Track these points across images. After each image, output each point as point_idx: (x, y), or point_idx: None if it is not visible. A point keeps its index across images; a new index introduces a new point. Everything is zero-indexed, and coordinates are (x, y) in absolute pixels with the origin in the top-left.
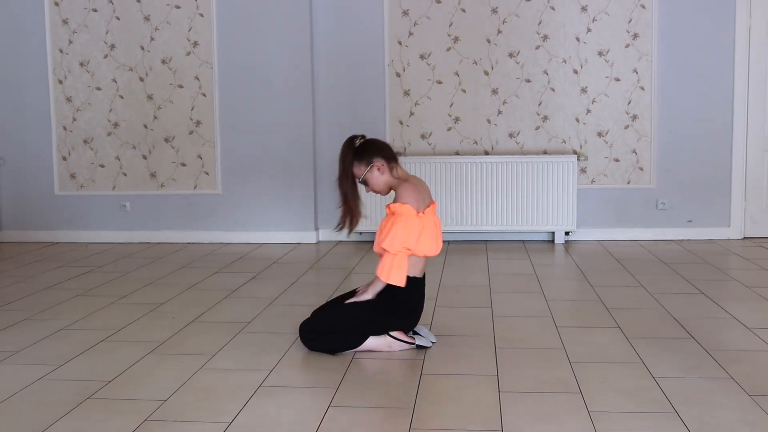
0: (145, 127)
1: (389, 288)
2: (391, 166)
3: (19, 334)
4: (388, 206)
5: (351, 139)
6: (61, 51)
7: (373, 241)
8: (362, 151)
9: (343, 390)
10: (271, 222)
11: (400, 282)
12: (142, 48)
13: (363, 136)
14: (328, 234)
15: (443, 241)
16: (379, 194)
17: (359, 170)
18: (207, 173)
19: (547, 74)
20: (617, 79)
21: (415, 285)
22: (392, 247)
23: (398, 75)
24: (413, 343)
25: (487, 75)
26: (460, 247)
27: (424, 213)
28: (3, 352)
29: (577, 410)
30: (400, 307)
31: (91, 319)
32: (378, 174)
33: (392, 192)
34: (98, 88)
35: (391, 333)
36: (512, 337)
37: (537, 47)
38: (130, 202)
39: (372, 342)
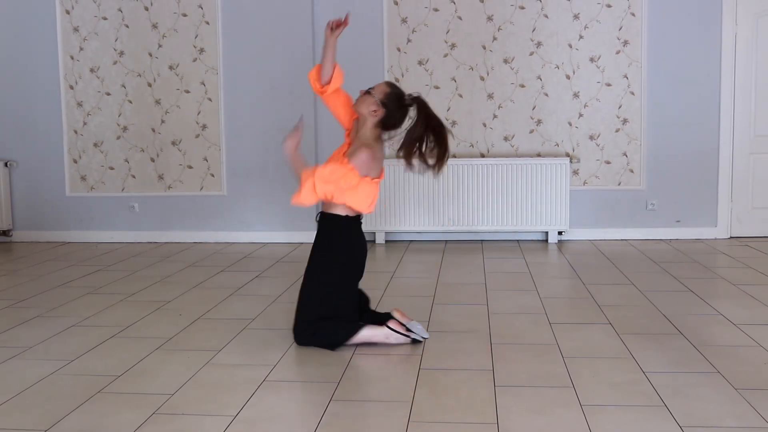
0: (153, 130)
1: (324, 239)
2: (381, 127)
3: (31, 331)
4: (343, 155)
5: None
6: (72, 57)
7: (373, 241)
8: (398, 97)
9: (344, 384)
10: (275, 222)
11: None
12: (150, 55)
13: (417, 97)
14: None
15: (445, 241)
16: (352, 109)
17: (380, 92)
18: (213, 175)
19: (541, 80)
20: (608, 85)
21: (348, 225)
22: (319, 178)
23: (397, 80)
24: (408, 336)
25: (483, 80)
26: (456, 247)
27: (372, 180)
28: (16, 348)
29: (569, 403)
30: (341, 254)
31: (101, 316)
32: (368, 107)
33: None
34: (108, 94)
35: (389, 324)
36: (507, 333)
37: (531, 54)
38: (138, 203)
39: (368, 332)
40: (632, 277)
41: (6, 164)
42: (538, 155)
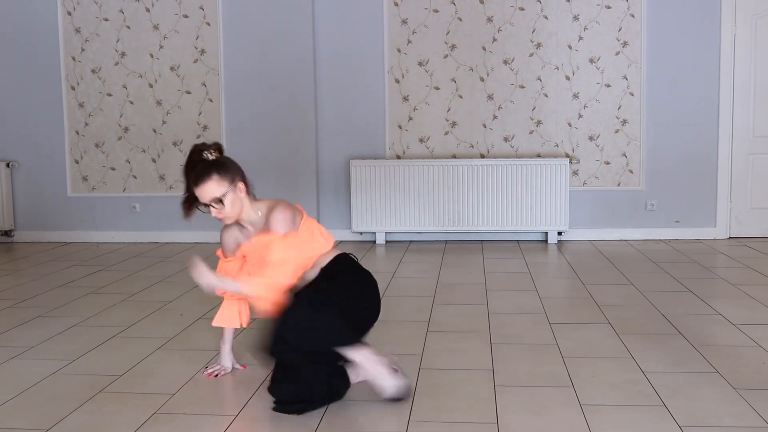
0: (155, 131)
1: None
2: (250, 190)
3: (33, 331)
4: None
5: (200, 150)
6: (73, 58)
7: (373, 241)
8: (223, 165)
9: None
10: None
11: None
12: (152, 55)
13: (218, 146)
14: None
15: (445, 241)
16: (228, 221)
17: (220, 186)
18: None
19: (541, 80)
20: (608, 85)
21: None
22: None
23: (397, 81)
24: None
25: (483, 81)
26: (456, 247)
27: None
28: (18, 348)
29: (569, 403)
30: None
31: (103, 316)
32: (239, 197)
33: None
34: (109, 94)
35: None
36: (507, 333)
37: (531, 54)
38: (139, 203)
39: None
40: (632, 277)
41: (8, 165)
42: (538, 156)
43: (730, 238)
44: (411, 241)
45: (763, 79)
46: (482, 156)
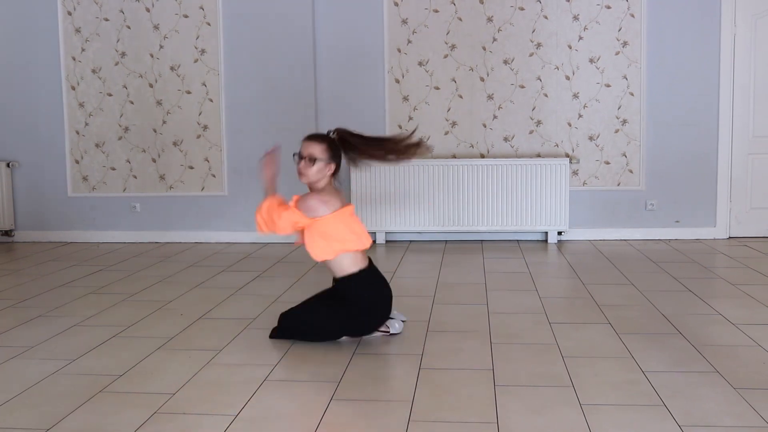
0: (155, 131)
1: (343, 291)
2: (333, 178)
3: (33, 331)
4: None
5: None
6: (74, 59)
7: (373, 241)
8: (333, 142)
9: (345, 384)
10: None
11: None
12: (152, 55)
13: (340, 131)
14: None
15: (445, 241)
16: (302, 179)
17: (321, 153)
18: (214, 176)
19: (541, 80)
20: (608, 85)
21: (358, 280)
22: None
23: (397, 81)
24: (388, 332)
25: (483, 81)
26: (456, 247)
27: (334, 214)
28: (18, 348)
29: (569, 403)
30: (356, 309)
31: (103, 315)
32: (324, 171)
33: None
34: (110, 94)
35: None
36: (507, 333)
37: (531, 54)
38: (140, 203)
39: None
40: (632, 277)
41: (8, 165)
42: (538, 156)
43: (729, 237)
44: (411, 241)
45: (762, 79)
46: (482, 156)
